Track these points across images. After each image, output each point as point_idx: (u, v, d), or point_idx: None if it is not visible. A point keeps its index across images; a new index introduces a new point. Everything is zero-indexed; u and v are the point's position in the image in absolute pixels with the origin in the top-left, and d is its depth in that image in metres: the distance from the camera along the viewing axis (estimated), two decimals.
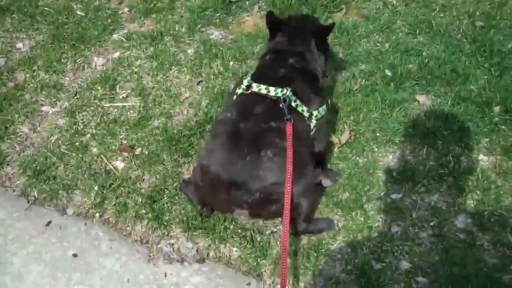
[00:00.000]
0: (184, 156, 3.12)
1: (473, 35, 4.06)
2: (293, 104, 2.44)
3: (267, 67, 2.70)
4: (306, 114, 2.51)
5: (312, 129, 2.58)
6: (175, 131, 3.25)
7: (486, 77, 3.68)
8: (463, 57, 3.84)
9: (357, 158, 3.14)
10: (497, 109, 3.42)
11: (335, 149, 3.19)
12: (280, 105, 2.36)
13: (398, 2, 4.45)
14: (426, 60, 3.74)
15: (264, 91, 2.42)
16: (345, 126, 3.31)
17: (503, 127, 3.33)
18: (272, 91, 2.41)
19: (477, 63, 3.79)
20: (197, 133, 3.23)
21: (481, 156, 3.18)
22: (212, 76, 3.63)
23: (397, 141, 3.24)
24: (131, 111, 3.41)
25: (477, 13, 4.41)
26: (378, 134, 3.27)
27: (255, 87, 2.44)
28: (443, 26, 4.13)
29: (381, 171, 3.08)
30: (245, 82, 2.49)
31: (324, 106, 2.64)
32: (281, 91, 2.40)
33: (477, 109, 3.43)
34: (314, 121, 2.56)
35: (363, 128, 3.30)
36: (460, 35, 4.08)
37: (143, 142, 3.21)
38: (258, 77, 2.54)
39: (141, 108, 3.41)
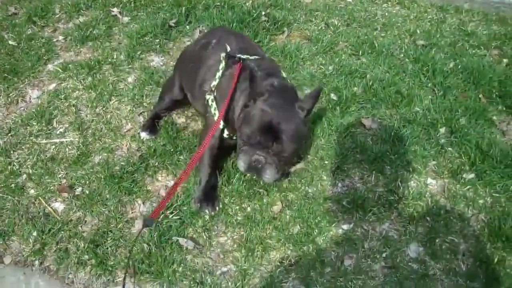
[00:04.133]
0: (128, 194, 2.98)
1: (415, 55, 4.10)
2: None
3: None
4: None
5: None
6: (117, 168, 3.11)
7: (430, 97, 3.71)
8: (407, 77, 3.86)
9: (307, 188, 3.08)
10: (442, 130, 3.44)
11: (284, 178, 3.12)
12: None
13: (339, 22, 4.46)
14: (370, 82, 3.73)
15: None
16: None
17: (449, 149, 3.34)
18: None
19: (421, 83, 3.82)
20: (141, 169, 3.10)
21: (429, 180, 3.17)
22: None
23: (345, 168, 3.19)
24: (70, 147, 3.24)
25: (418, 32, 4.48)
26: (326, 162, 3.22)
27: None
28: (386, 46, 4.15)
29: (331, 200, 3.02)
30: None
31: None
32: None
33: (423, 131, 3.44)
34: None
35: (311, 156, 3.24)
36: (402, 55, 4.11)
37: (83, 181, 3.05)
38: None
39: (80, 144, 3.25)
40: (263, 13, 4.41)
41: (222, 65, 2.84)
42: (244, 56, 2.85)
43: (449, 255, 2.77)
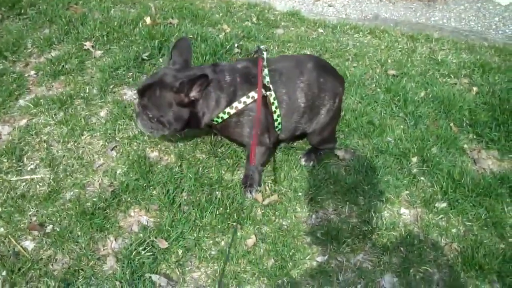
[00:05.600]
0: (100, 231, 2.93)
1: (387, 84, 4.15)
2: None
3: None
4: None
5: None
6: (89, 204, 3.06)
7: (402, 127, 3.75)
8: (378, 107, 3.89)
9: (281, 220, 3.07)
10: (414, 160, 3.47)
11: (258, 211, 3.11)
12: None
13: (312, 53, 4.50)
14: (343, 113, 3.74)
15: None
16: (267, 187, 3.24)
17: (422, 178, 3.36)
18: None
19: (392, 113, 3.86)
20: (113, 204, 3.06)
21: (402, 210, 3.19)
22: (127, 141, 3.48)
23: (319, 200, 3.20)
24: (40, 184, 3.19)
25: (389, 61, 4.53)
26: (300, 194, 3.22)
27: None
28: (357, 76, 4.20)
29: (305, 232, 3.02)
30: None
31: None
32: None
33: (396, 160, 3.46)
34: None
35: (284, 188, 3.24)
36: (374, 85, 4.15)
37: (54, 218, 2.99)
38: None
39: (51, 180, 3.20)
40: (236, 45, 4.45)
41: None
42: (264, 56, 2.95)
43: (423, 285, 2.77)
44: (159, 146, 3.46)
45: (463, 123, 3.86)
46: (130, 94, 3.91)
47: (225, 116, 2.83)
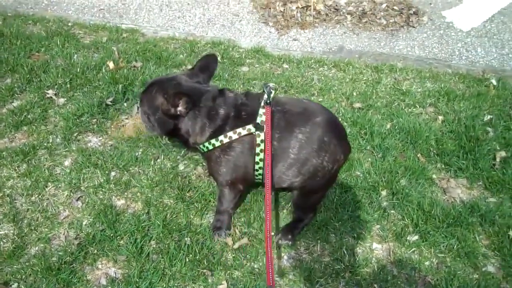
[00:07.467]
0: (67, 287, 2.84)
1: (353, 118, 4.15)
2: None
3: None
4: None
5: None
6: (55, 258, 2.98)
7: (369, 160, 3.74)
8: None
9: (252, 263, 3.01)
10: (384, 193, 3.46)
11: (229, 255, 3.05)
12: None
13: (278, 90, 4.49)
14: None
15: None
16: (236, 230, 3.19)
17: (392, 211, 3.35)
18: None
19: (360, 147, 3.86)
20: (80, 258, 2.98)
21: (374, 245, 3.16)
22: (92, 190, 3.41)
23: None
24: (4, 241, 3.10)
25: (354, 94, 4.55)
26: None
27: None
28: None
29: (278, 275, 2.96)
30: None
31: None
32: None
33: (365, 195, 3.45)
34: None
35: (255, 230, 3.19)
36: (340, 119, 4.13)
37: (19, 276, 2.89)
38: None
39: (15, 236, 3.11)
40: None
41: None
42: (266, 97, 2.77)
43: None
44: (125, 193, 3.41)
45: (431, 153, 3.87)
46: (95, 141, 3.85)
47: (210, 147, 2.78)
